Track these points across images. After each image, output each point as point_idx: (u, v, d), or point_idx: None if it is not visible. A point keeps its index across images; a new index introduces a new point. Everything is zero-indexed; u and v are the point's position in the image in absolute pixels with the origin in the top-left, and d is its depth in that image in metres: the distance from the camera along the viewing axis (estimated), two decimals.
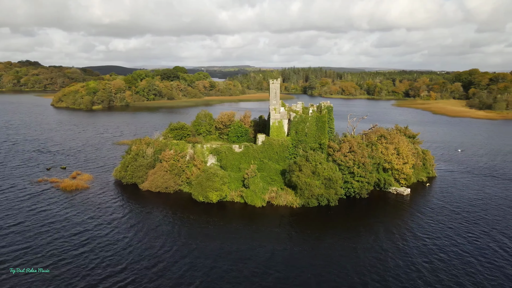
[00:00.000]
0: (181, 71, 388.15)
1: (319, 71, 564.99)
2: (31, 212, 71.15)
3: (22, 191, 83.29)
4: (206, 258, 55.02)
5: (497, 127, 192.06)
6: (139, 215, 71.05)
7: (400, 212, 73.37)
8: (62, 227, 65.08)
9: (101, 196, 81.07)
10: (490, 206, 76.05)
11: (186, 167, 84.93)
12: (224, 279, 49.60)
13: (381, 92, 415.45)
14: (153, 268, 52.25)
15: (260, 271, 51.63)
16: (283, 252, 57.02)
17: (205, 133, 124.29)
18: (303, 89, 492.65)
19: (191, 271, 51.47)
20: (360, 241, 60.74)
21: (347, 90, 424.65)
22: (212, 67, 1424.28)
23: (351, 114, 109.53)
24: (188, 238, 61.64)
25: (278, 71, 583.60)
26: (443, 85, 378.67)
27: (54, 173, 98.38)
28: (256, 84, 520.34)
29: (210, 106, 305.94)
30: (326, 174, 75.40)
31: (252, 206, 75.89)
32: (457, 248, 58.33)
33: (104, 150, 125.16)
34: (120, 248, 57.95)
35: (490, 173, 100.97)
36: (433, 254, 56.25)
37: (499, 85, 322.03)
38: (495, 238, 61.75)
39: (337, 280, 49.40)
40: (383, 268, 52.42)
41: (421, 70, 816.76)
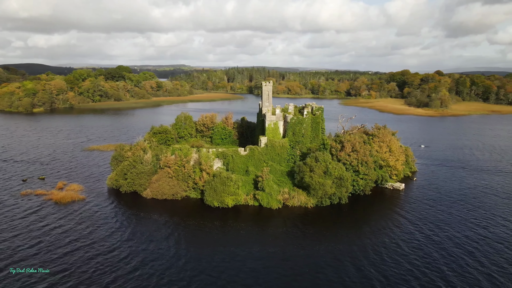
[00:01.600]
0: (125, 71, 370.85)
1: (262, 71, 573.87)
2: (42, 231, 64.83)
3: (15, 207, 75.35)
4: (247, 263, 54.96)
5: (440, 123, 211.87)
6: (153, 225, 68.14)
7: (405, 205, 78.90)
8: (87, 245, 60.42)
9: (104, 207, 76.21)
10: (478, 194, 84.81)
11: (193, 172, 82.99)
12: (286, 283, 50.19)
13: (325, 92, 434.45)
14: (196, 278, 51.11)
15: (303, 272, 52.98)
16: (315, 252, 58.84)
17: (187, 136, 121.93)
18: (249, 88, 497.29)
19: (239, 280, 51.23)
20: (379, 236, 64.61)
21: (293, 89, 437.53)
22: (145, 66, 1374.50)
23: (342, 115, 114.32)
24: (217, 245, 60.70)
25: (222, 71, 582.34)
26: (380, 85, 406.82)
27: (33, 184, 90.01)
28: (201, 84, 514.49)
29: (161, 107, 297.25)
30: (337, 174, 78.71)
31: (268, 208, 76.61)
32: (476, 233, 64.73)
33: (79, 157, 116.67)
34: (145, 259, 55.57)
35: (459, 165, 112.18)
36: (469, 244, 61.94)
37: (429, 85, 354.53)
38: (495, 217, 69.43)
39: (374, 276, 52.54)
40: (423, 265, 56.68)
41: (349, 70, 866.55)
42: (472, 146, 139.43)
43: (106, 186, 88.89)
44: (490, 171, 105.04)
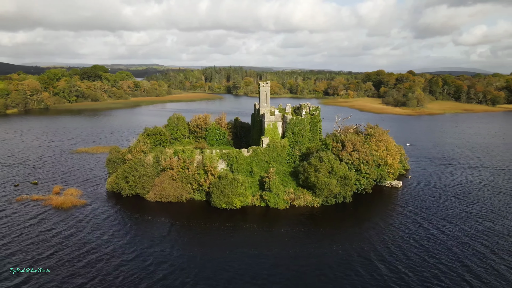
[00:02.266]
0: (102, 70, 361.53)
1: (239, 71, 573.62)
2: (55, 239, 62.63)
3: (15, 214, 72.39)
4: (264, 264, 55.35)
5: (419, 122, 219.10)
6: (162, 228, 67.16)
7: (408, 202, 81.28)
8: (104, 253, 58.89)
9: (107, 211, 74.41)
10: (472, 190, 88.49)
11: (197, 174, 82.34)
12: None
13: (303, 91, 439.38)
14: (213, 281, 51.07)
15: (320, 272, 53.95)
16: (329, 251, 59.92)
17: (180, 137, 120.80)
18: (227, 88, 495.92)
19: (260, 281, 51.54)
20: (390, 233, 66.49)
21: (272, 89, 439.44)
22: (117, 65, 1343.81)
23: (339, 115, 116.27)
24: (231, 247, 60.64)
25: (199, 70, 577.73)
26: (357, 85, 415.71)
27: (26, 190, 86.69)
28: (178, 84, 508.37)
29: (140, 107, 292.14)
30: (342, 173, 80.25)
31: (275, 209, 77.13)
32: (474, 222, 67.66)
33: (70, 160, 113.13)
34: (158, 262, 55.00)
35: (447, 162, 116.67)
36: (474, 236, 64.59)
37: (405, 85, 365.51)
38: (496, 210, 72.79)
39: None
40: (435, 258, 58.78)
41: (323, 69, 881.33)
42: (455, 144, 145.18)
43: (105, 190, 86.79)
44: (477, 168, 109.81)
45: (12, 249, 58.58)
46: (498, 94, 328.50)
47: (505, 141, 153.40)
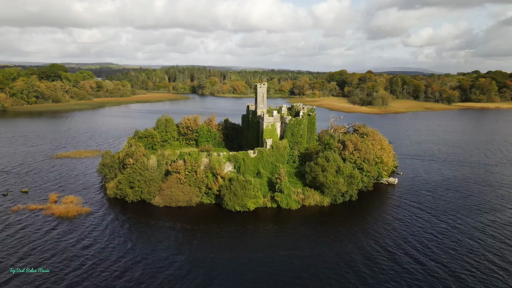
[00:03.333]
0: (61, 70, 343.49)
1: (203, 70, 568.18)
2: (71, 250, 59.28)
3: (18, 225, 67.67)
4: (291, 266, 56.17)
5: (388, 120, 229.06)
6: (177, 233, 65.63)
7: (409, 198, 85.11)
8: (119, 266, 56.71)
9: (115, 219, 71.58)
10: (462, 184, 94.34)
11: (205, 177, 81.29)
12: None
13: (269, 91, 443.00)
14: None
15: (343, 271, 55.76)
16: (350, 249, 61.91)
17: (170, 139, 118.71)
18: (192, 88, 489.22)
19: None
20: (403, 228, 69.69)
21: (238, 89, 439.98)
22: (67, 64, 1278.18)
23: (333, 115, 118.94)
24: (254, 250, 60.83)
25: (162, 70, 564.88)
26: (322, 84, 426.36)
27: (18, 198, 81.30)
28: (140, 83, 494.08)
29: (105, 108, 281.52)
30: (348, 172, 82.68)
31: (287, 209, 78.00)
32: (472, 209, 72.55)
33: (56, 166, 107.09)
34: (180, 268, 54.33)
35: (429, 158, 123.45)
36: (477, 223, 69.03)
37: (368, 84, 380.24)
38: (492, 203, 78.32)
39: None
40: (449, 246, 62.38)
41: (280, 69, 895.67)
42: (430, 141, 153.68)
43: (106, 196, 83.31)
44: (457, 163, 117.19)
45: (24, 261, 54.90)
46: (452, 93, 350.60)
47: (473, 137, 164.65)
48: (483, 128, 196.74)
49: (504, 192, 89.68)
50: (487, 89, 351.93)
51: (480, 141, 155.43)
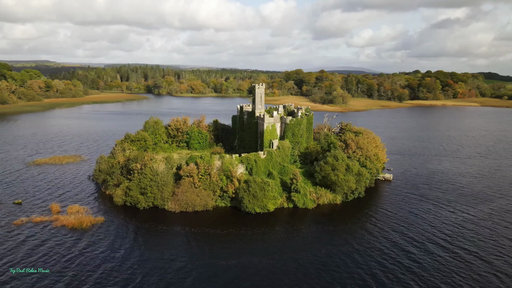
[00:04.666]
0: (5, 68, 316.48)
1: (157, 69, 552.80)
2: (106, 264, 55.59)
3: (31, 240, 62.18)
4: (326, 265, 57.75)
5: (352, 117, 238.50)
6: (201, 239, 64.03)
7: (412, 191, 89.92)
8: (148, 273, 54.50)
9: (133, 227, 68.28)
10: (453, 177, 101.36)
11: (220, 180, 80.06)
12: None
13: (228, 90, 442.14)
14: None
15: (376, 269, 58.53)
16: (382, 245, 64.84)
17: (160, 142, 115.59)
18: (147, 88, 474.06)
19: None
20: (418, 221, 73.85)
21: (197, 88, 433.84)
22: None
23: (328, 115, 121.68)
24: (278, 252, 61.38)
25: (113, 69, 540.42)
26: (280, 83, 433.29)
27: (14, 210, 74.66)
28: (90, 83, 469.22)
29: (59, 109, 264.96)
30: (356, 170, 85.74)
31: (303, 209, 79.26)
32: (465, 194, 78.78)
33: (40, 174, 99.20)
34: (209, 274, 54.02)
35: (409, 153, 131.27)
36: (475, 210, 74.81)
37: (325, 83, 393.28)
38: (491, 193, 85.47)
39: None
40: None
41: (229, 68, 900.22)
42: (403, 137, 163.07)
43: (113, 204, 79.04)
44: (436, 156, 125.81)
45: (47, 279, 50.93)
46: (403, 92, 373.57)
47: (439, 132, 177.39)
48: (445, 124, 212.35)
49: (489, 182, 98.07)
50: (432, 87, 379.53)
51: (447, 136, 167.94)
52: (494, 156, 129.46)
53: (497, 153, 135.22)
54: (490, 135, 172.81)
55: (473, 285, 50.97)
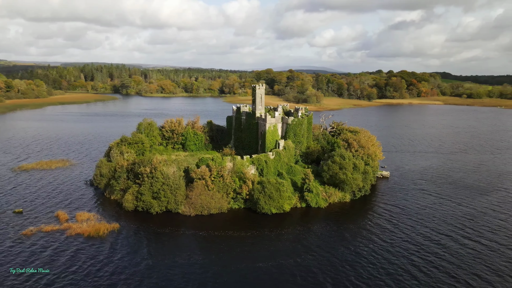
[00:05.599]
0: None
1: (123, 68, 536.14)
2: (135, 273, 53.52)
3: (50, 251, 58.71)
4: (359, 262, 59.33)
5: (334, 118, 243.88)
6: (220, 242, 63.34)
7: (410, 187, 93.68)
8: (182, 278, 53.49)
9: (152, 233, 66.31)
10: (444, 171, 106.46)
11: (233, 181, 79.40)
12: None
13: (199, 90, 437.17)
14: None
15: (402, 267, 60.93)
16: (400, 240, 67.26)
17: (155, 144, 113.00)
18: (113, 88, 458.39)
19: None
20: (430, 214, 77.18)
21: (167, 88, 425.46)
22: None
23: (324, 115, 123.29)
24: (299, 253, 62.40)
25: (77, 68, 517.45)
26: (251, 83, 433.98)
27: (17, 220, 70.24)
28: (52, 83, 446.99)
29: (22, 111, 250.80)
30: (362, 168, 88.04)
31: (316, 208, 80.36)
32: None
33: (33, 181, 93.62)
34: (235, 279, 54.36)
35: (395, 150, 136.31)
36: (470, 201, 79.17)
37: (296, 82, 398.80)
38: (475, 184, 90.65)
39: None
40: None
41: (194, 67, 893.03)
42: (386, 135, 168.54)
43: (123, 209, 76.30)
44: (422, 153, 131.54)
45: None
46: (372, 91, 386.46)
47: (418, 130, 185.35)
48: (419, 122, 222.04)
49: (478, 176, 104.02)
50: (398, 87, 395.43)
51: (426, 133, 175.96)
52: (473, 152, 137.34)
53: (475, 148, 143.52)
54: (463, 132, 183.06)
55: None
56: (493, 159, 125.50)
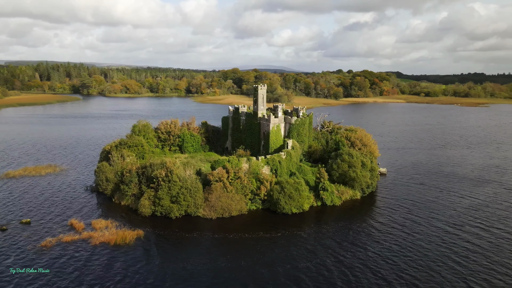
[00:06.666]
0: None
1: (81, 68, 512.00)
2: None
3: (83, 259, 55.22)
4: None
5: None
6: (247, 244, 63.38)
7: (411, 182, 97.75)
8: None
9: (178, 239, 64.51)
10: (435, 166, 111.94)
11: (250, 183, 78.82)
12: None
13: (165, 90, 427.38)
14: None
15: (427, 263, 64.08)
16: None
17: (152, 146, 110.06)
18: (73, 88, 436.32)
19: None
20: (445, 207, 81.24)
21: (132, 88, 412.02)
22: None
23: (322, 114, 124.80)
24: (349, 249, 64.11)
25: (30, 66, 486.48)
26: (219, 82, 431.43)
27: (28, 231, 65.54)
28: (4, 82, 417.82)
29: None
30: (369, 166, 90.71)
31: (331, 206, 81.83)
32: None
33: (27, 188, 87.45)
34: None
35: (382, 147, 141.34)
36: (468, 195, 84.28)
37: (265, 82, 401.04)
38: (468, 178, 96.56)
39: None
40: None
41: (150, 66, 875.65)
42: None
43: (138, 215, 73.39)
44: (405, 150, 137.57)
45: None
46: (338, 90, 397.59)
47: (394, 127, 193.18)
48: (391, 119, 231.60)
49: (466, 170, 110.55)
50: (363, 86, 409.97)
51: (403, 130, 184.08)
52: (451, 147, 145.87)
53: (451, 144, 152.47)
54: (435, 129, 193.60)
55: None
56: (471, 153, 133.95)
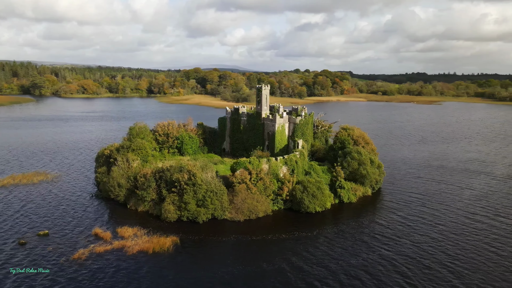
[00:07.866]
0: None
1: (29, 66, 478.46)
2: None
3: (141, 275, 52.17)
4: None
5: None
6: (279, 246, 64.04)
7: (412, 178, 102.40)
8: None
9: (214, 243, 63.33)
10: (429, 161, 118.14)
11: (272, 183, 78.66)
12: None
13: (125, 90, 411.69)
14: None
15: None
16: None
17: (151, 148, 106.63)
18: (22, 88, 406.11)
19: None
20: (452, 200, 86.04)
21: (90, 88, 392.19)
22: None
23: (320, 114, 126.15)
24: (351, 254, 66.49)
25: None
26: (182, 82, 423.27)
27: (49, 243, 60.96)
28: None
29: None
30: (377, 163, 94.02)
31: (347, 203, 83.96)
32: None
33: (25, 196, 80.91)
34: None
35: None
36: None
37: (230, 82, 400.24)
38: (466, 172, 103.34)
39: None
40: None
41: (97, 65, 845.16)
42: None
43: (162, 221, 70.70)
44: (388, 146, 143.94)
45: None
46: (302, 89, 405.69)
47: (368, 126, 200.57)
48: (362, 117, 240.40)
49: (453, 164, 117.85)
50: (325, 85, 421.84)
51: (378, 128, 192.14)
52: (430, 142, 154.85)
53: (428, 139, 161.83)
54: (406, 126, 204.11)
55: None
56: (448, 148, 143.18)
